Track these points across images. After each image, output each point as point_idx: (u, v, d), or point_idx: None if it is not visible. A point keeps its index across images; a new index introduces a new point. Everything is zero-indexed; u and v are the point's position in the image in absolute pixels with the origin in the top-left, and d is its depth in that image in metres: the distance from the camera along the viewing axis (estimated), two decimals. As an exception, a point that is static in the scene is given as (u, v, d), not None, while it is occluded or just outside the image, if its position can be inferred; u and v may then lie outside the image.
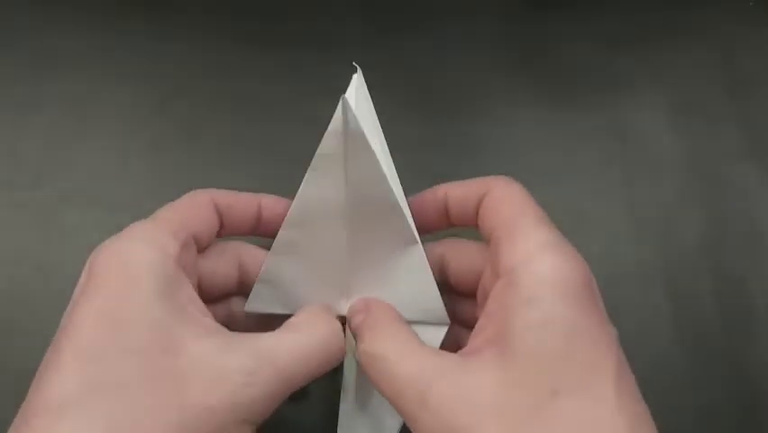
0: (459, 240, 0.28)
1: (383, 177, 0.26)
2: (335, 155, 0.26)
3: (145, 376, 0.20)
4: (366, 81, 0.37)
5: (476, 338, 0.23)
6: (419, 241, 0.27)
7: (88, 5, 0.39)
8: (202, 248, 0.27)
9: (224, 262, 0.27)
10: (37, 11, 0.39)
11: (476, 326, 0.24)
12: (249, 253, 0.28)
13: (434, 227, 0.28)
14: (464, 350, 0.23)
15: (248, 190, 0.30)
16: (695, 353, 0.33)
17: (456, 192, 0.27)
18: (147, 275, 0.22)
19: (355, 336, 0.26)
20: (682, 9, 0.40)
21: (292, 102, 0.37)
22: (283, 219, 0.28)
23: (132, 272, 0.22)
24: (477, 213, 0.26)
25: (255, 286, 0.28)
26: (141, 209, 0.27)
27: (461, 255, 0.27)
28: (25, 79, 0.37)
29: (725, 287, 0.34)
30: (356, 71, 0.29)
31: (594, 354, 0.20)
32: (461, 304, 0.28)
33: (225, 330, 0.23)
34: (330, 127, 0.26)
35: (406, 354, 0.23)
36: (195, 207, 0.26)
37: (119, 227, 0.26)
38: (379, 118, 0.34)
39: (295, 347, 0.23)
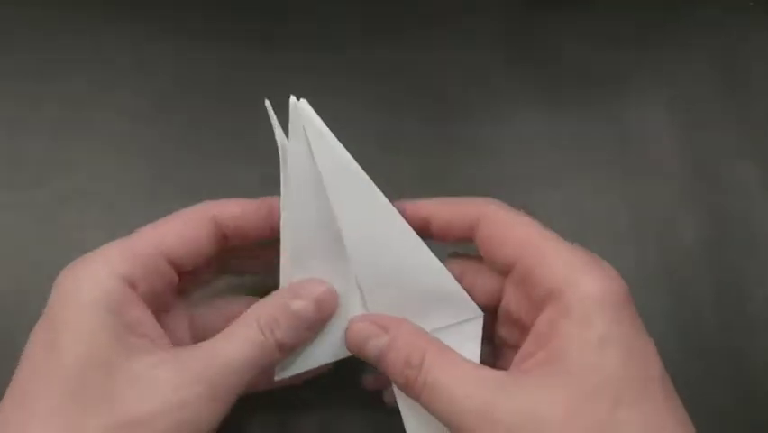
0: (471, 259, 0.28)
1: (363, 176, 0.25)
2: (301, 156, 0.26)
3: (74, 395, 0.22)
4: (365, 81, 0.37)
5: (526, 361, 0.23)
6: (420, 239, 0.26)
7: (89, 6, 0.39)
8: (188, 265, 0.26)
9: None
10: (37, 11, 0.39)
11: (522, 350, 0.24)
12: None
13: None
14: (512, 371, 0.24)
15: (247, 190, 0.30)
16: (695, 353, 0.33)
17: (441, 215, 0.26)
18: (92, 301, 0.23)
19: (377, 364, 0.25)
20: (683, 8, 0.40)
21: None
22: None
23: (78, 298, 0.23)
24: (465, 236, 0.26)
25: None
26: (141, 209, 0.27)
27: (478, 275, 0.27)
28: (25, 79, 0.37)
29: (725, 287, 0.34)
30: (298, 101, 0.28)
31: (646, 365, 0.22)
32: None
33: (169, 347, 0.24)
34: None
35: (466, 378, 0.23)
36: (180, 225, 0.26)
37: (119, 227, 0.26)
38: (379, 119, 0.34)
39: (224, 357, 0.23)
